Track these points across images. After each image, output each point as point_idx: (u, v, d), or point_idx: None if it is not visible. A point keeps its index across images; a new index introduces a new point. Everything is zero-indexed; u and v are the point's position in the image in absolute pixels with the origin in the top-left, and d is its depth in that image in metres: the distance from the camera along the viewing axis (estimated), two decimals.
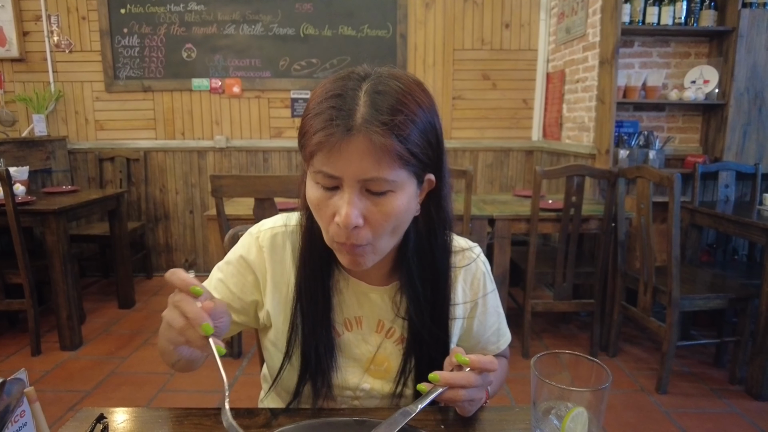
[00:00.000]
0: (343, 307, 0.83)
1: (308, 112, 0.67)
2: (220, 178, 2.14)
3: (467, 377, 0.69)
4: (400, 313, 0.82)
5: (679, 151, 3.19)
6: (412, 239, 0.78)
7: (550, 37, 3.83)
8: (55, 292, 2.68)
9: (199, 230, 4.06)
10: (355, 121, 0.63)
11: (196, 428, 0.74)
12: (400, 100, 0.64)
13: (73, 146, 3.89)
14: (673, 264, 2.23)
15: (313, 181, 0.69)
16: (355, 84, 0.65)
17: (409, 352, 0.82)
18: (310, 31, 3.81)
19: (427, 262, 0.79)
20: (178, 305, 0.62)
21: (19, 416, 0.62)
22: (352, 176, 0.64)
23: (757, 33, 2.93)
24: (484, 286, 0.88)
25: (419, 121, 0.65)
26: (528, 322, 2.69)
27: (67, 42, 3.77)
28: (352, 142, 0.63)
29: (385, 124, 0.62)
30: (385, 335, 0.84)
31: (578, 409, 0.61)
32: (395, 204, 0.67)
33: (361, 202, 0.66)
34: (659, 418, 2.15)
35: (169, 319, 0.63)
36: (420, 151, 0.66)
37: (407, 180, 0.67)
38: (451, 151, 4.02)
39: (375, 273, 0.82)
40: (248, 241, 0.85)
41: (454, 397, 0.69)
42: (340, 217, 0.66)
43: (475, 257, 0.87)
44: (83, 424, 0.71)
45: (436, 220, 0.77)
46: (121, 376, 2.48)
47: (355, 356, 0.84)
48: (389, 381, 0.83)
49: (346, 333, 0.83)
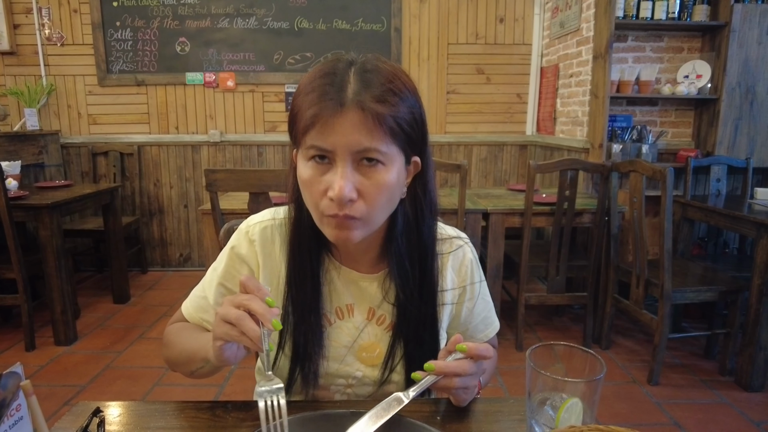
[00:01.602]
0: (334, 296, 0.84)
1: (299, 93, 0.70)
2: (215, 172, 2.13)
3: (461, 365, 0.69)
4: (389, 299, 0.83)
5: (672, 145, 3.21)
6: (399, 222, 0.79)
7: (544, 32, 3.83)
8: (48, 287, 2.67)
9: (193, 225, 4.05)
10: (347, 95, 0.66)
11: (192, 421, 0.74)
12: (389, 78, 0.69)
13: (66, 140, 3.86)
14: (665, 257, 2.25)
15: (304, 159, 0.70)
16: (344, 65, 0.69)
17: (396, 337, 0.83)
18: (305, 24, 3.80)
19: (414, 245, 0.81)
20: (246, 303, 0.64)
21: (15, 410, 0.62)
22: (345, 149, 0.66)
23: (750, 27, 2.95)
24: (472, 274, 0.89)
25: (407, 99, 0.70)
26: (521, 314, 2.71)
27: (59, 35, 3.74)
28: (344, 115, 0.66)
29: (376, 97, 0.66)
30: (376, 322, 0.85)
31: (573, 399, 0.62)
32: (387, 177, 0.69)
33: (354, 176, 0.68)
34: (651, 409, 2.18)
35: (224, 313, 0.64)
36: (408, 127, 0.70)
37: (397, 155, 0.70)
38: (445, 145, 4.03)
39: (364, 261, 0.84)
40: (238, 236, 0.86)
41: (448, 384, 0.70)
42: (333, 192, 0.67)
43: (462, 244, 0.89)
44: (79, 418, 0.72)
45: (423, 203, 0.79)
46: (117, 370, 2.48)
47: (347, 344, 0.85)
48: (380, 367, 0.85)
49: (338, 321, 0.85)
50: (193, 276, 0.80)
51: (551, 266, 2.65)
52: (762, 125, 3.05)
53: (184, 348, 0.81)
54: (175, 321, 0.91)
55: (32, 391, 0.52)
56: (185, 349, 0.81)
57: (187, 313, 0.89)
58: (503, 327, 2.97)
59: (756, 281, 2.24)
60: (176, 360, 0.83)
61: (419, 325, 0.82)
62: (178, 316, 0.91)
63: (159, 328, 2.97)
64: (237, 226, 0.91)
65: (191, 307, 0.89)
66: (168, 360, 0.87)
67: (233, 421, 0.74)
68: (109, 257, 3.30)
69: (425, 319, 0.82)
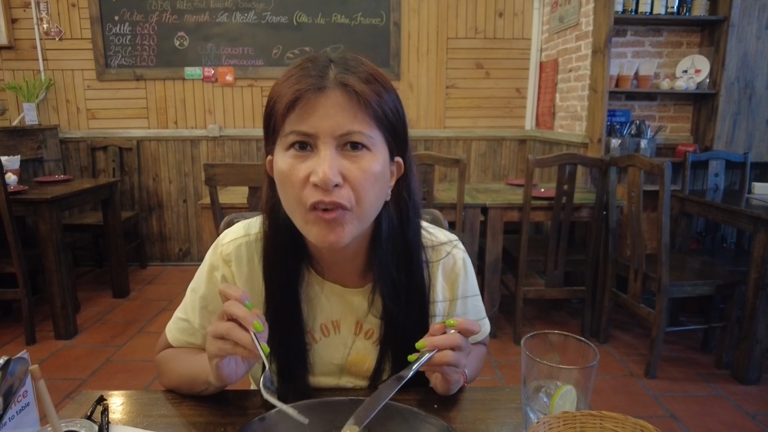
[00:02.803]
0: (318, 312, 0.81)
1: (275, 85, 0.68)
2: (214, 166, 2.14)
3: (452, 337, 0.69)
4: (374, 312, 0.80)
5: (671, 140, 3.22)
6: (384, 227, 0.75)
7: (544, 26, 3.83)
8: (48, 282, 2.68)
9: (192, 219, 4.06)
10: (329, 78, 0.64)
11: (195, 409, 0.75)
12: (370, 72, 0.67)
13: (65, 135, 3.86)
14: (663, 251, 2.26)
15: (283, 149, 0.66)
16: (324, 59, 0.67)
17: (385, 351, 0.81)
18: (303, 19, 3.79)
19: (400, 250, 0.77)
20: (227, 309, 0.64)
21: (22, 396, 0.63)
22: (328, 132, 0.63)
23: (749, 22, 2.95)
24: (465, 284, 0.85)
25: (390, 91, 0.68)
26: (520, 308, 2.73)
27: (57, 29, 3.73)
28: (327, 97, 0.63)
29: (361, 78, 0.65)
30: (364, 336, 0.83)
31: (567, 387, 0.64)
32: (373, 164, 0.66)
33: (339, 160, 0.64)
34: (648, 402, 2.19)
35: (213, 329, 0.65)
36: (393, 116, 0.68)
37: (382, 144, 0.68)
38: (444, 140, 4.03)
39: (349, 272, 0.81)
40: (212, 257, 0.83)
41: (443, 359, 0.68)
42: (317, 176, 0.62)
43: (450, 249, 0.85)
44: (83, 407, 0.72)
45: (408, 205, 0.76)
46: (117, 364, 2.50)
47: (335, 360, 0.83)
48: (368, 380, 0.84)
49: (324, 338, 0.82)
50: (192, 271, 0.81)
51: (549, 260, 2.66)
52: (760, 120, 3.06)
53: (183, 374, 0.78)
54: (162, 347, 0.87)
55: (40, 376, 0.53)
56: (183, 374, 0.78)
57: (174, 340, 0.85)
58: (502, 321, 2.98)
59: (752, 275, 2.25)
60: (177, 386, 0.79)
61: (408, 338, 0.76)
62: (164, 342, 0.87)
63: (159, 322, 2.98)
64: (237, 220, 0.90)
65: (177, 332, 0.85)
66: (168, 387, 0.82)
67: (235, 410, 0.75)
68: (108, 252, 3.31)
69: (414, 328, 0.77)
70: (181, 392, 0.80)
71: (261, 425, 0.64)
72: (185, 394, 0.79)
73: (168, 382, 0.82)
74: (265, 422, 0.64)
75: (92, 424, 0.49)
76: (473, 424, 0.73)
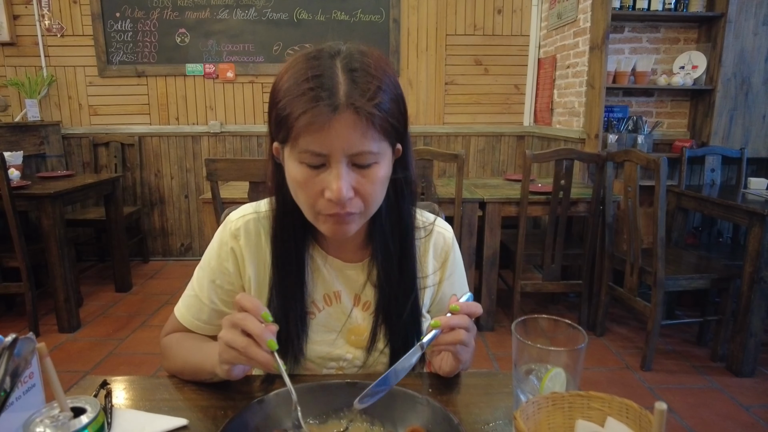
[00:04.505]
0: (320, 284, 0.87)
1: (286, 94, 0.69)
2: (215, 161, 2.16)
3: (461, 318, 0.73)
4: (371, 280, 0.86)
5: (667, 135, 3.24)
6: (383, 205, 0.80)
7: (542, 23, 3.85)
8: (51, 276, 2.71)
9: (194, 215, 4.08)
10: (340, 99, 0.66)
11: (196, 393, 0.78)
12: (375, 75, 0.68)
13: (67, 131, 3.88)
14: (659, 245, 2.29)
15: (296, 161, 0.70)
16: (329, 62, 0.68)
17: (378, 319, 0.86)
18: (304, 15, 3.81)
19: (395, 225, 0.83)
20: (241, 323, 0.66)
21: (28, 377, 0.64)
22: (340, 151, 0.68)
23: (746, 18, 2.97)
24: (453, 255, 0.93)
25: (392, 92, 0.70)
26: (517, 302, 2.76)
27: (59, 26, 3.75)
28: (339, 120, 0.66)
29: (369, 99, 0.67)
30: (362, 308, 0.88)
31: (556, 369, 0.66)
32: (380, 173, 0.72)
33: (350, 175, 0.70)
34: (643, 394, 2.22)
35: (229, 340, 0.66)
36: (395, 121, 0.71)
37: (387, 149, 0.73)
38: (443, 136, 4.05)
39: (349, 248, 0.87)
40: (222, 232, 0.87)
41: (456, 337, 0.72)
42: (332, 192, 0.68)
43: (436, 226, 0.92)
44: (87, 391, 0.74)
45: (403, 184, 0.81)
46: (120, 356, 2.53)
47: (336, 329, 0.87)
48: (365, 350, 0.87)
49: (327, 308, 0.87)
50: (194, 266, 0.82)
51: (547, 255, 2.69)
52: (757, 116, 3.08)
53: (188, 361, 0.81)
54: (171, 329, 0.90)
55: (47, 353, 0.55)
56: (189, 361, 0.81)
57: (181, 317, 0.88)
58: (500, 314, 3.01)
59: (747, 269, 2.28)
60: (181, 371, 0.82)
61: (400, 306, 0.84)
62: (173, 324, 0.89)
63: (161, 316, 3.01)
64: (234, 210, 0.93)
65: (184, 309, 0.88)
66: (171, 371, 0.85)
67: (236, 395, 0.78)
68: (111, 247, 3.34)
69: (406, 299, 0.85)
70: (184, 378, 0.82)
71: (260, 407, 0.66)
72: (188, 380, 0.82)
73: (172, 366, 0.84)
74: (264, 404, 0.67)
75: (97, 401, 0.52)
76: (466, 407, 0.75)
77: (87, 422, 0.49)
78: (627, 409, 0.58)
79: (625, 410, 0.58)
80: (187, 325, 0.88)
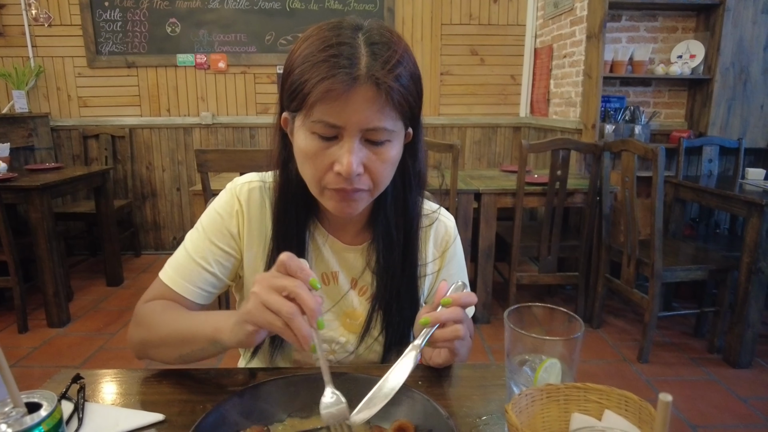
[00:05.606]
0: (319, 262, 0.85)
1: (305, 60, 0.66)
2: (206, 152, 2.12)
3: (454, 311, 0.69)
4: (370, 266, 0.84)
5: (665, 126, 3.21)
6: (389, 191, 0.79)
7: (538, 12, 3.80)
8: (41, 270, 2.66)
9: (186, 208, 4.03)
10: (361, 70, 0.63)
11: (175, 387, 0.74)
12: (396, 50, 0.66)
13: (56, 123, 3.82)
14: (656, 236, 2.26)
15: (308, 131, 0.68)
16: (351, 33, 0.66)
17: (375, 306, 0.84)
18: (296, 5, 3.75)
19: (401, 213, 0.82)
20: (294, 290, 0.58)
21: None
22: (356, 125, 0.65)
23: (745, 7, 2.93)
24: (454, 244, 0.91)
25: (411, 70, 0.68)
26: (513, 294, 2.73)
27: (46, 15, 3.68)
28: (358, 91, 0.64)
29: (389, 70, 0.64)
30: (359, 293, 0.87)
31: (551, 360, 0.62)
32: (392, 152, 0.70)
33: (362, 150, 0.68)
34: (640, 386, 2.20)
35: (273, 302, 0.58)
36: (413, 99, 0.69)
37: (400, 129, 0.71)
38: (439, 127, 4.01)
39: (349, 231, 0.85)
40: (225, 195, 0.84)
41: (453, 333, 0.68)
42: (342, 167, 0.66)
43: (438, 215, 0.90)
44: (60, 385, 0.70)
45: (411, 172, 0.79)
46: (110, 351, 2.49)
47: (331, 309, 0.86)
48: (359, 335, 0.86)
49: (323, 287, 0.85)
50: None
51: (543, 246, 2.66)
52: (755, 106, 3.05)
53: (176, 328, 0.74)
54: (153, 296, 0.81)
55: None
56: (177, 329, 0.73)
57: (170, 280, 0.81)
58: (495, 306, 2.98)
59: (745, 260, 2.26)
60: (160, 341, 0.75)
61: (399, 295, 0.83)
62: (158, 289, 0.81)
63: None
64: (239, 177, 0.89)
65: (172, 272, 0.81)
66: (144, 342, 0.78)
67: (214, 388, 0.74)
68: (102, 240, 3.30)
69: (406, 288, 0.83)
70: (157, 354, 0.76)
71: (240, 400, 0.63)
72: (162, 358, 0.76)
73: (148, 336, 0.77)
74: (244, 397, 0.64)
75: (54, 396, 0.47)
76: (458, 400, 0.72)
77: (41, 419, 0.45)
78: (626, 402, 0.55)
79: (624, 402, 0.56)
80: (176, 288, 0.80)
